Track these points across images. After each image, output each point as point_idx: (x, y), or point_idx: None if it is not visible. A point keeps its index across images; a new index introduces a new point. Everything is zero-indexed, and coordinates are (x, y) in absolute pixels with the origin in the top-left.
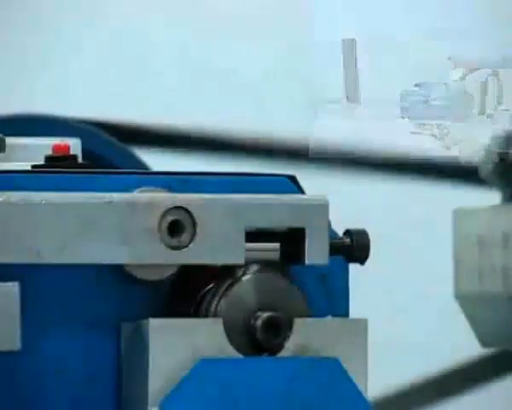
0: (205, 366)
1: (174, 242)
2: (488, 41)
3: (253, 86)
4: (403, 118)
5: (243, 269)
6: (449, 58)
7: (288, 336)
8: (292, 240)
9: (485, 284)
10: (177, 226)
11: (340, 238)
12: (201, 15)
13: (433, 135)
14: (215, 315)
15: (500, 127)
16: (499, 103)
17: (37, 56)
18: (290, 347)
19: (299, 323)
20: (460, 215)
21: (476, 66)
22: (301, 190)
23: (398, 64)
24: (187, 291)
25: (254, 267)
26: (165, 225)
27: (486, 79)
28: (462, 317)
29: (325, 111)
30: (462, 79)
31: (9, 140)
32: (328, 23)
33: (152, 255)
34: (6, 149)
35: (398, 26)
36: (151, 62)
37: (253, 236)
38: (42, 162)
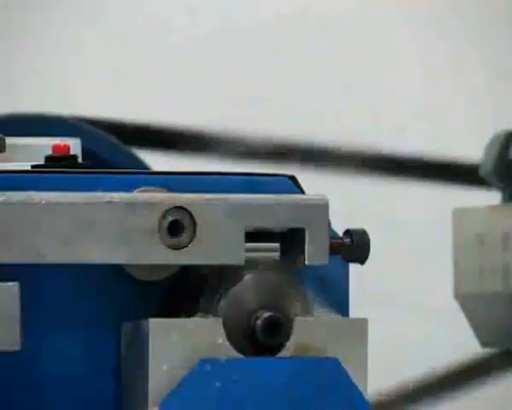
0: (205, 366)
1: (174, 242)
2: None
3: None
4: None
5: (243, 269)
6: None
7: (289, 336)
8: (292, 240)
9: (485, 284)
10: (177, 226)
11: (340, 238)
12: None
13: None
14: (215, 315)
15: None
16: None
17: (37, 54)
18: (290, 347)
19: (299, 322)
20: (460, 215)
21: None
22: (301, 190)
23: None
24: (187, 291)
25: (254, 267)
26: (165, 225)
27: None
28: (462, 317)
29: None
30: None
31: (9, 140)
32: None
33: (152, 255)
34: (6, 149)
35: None
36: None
37: (253, 236)
38: (42, 162)
